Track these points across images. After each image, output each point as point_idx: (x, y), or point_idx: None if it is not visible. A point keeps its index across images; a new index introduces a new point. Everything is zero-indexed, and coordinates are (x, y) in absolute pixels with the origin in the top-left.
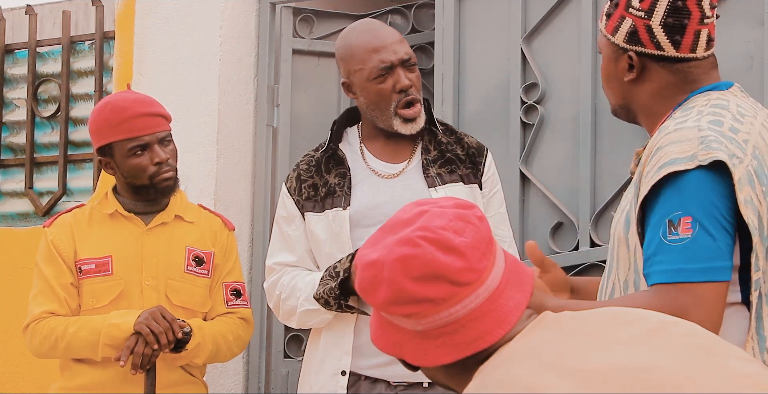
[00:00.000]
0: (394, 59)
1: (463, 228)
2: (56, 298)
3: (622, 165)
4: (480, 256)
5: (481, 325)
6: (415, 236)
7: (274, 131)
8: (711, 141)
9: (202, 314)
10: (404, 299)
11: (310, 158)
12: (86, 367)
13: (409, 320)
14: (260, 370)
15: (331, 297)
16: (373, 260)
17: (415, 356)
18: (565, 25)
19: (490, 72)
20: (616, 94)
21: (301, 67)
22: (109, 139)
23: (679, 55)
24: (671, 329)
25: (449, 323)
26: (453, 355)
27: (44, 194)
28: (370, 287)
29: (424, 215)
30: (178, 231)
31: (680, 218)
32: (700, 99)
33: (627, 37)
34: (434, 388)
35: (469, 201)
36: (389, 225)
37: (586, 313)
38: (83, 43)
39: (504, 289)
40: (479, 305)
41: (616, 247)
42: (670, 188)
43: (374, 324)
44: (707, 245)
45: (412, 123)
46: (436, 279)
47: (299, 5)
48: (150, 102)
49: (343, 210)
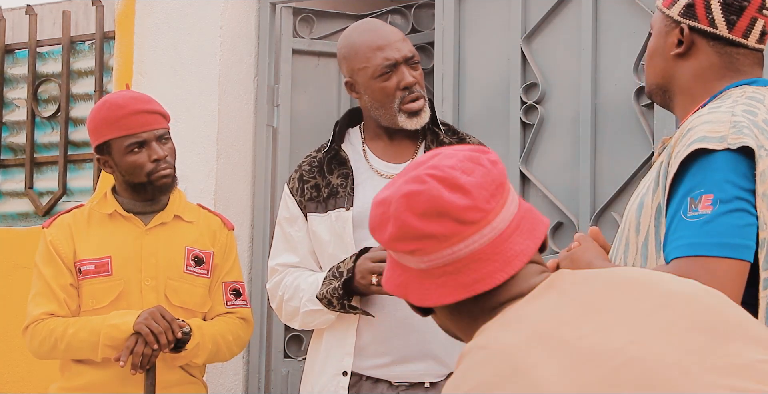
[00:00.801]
0: (398, 57)
1: (472, 169)
2: (55, 299)
3: (622, 165)
4: (487, 196)
5: (484, 266)
6: (423, 174)
7: (274, 131)
8: (743, 127)
9: (202, 313)
10: (408, 235)
11: (312, 159)
12: (86, 367)
13: (413, 258)
14: (260, 370)
15: (334, 297)
16: (383, 199)
17: (418, 295)
18: (565, 25)
19: (490, 72)
20: (658, 71)
21: (301, 67)
22: (106, 137)
23: (731, 37)
24: (681, 305)
25: (452, 262)
26: (454, 295)
27: (44, 194)
28: (379, 224)
29: (436, 156)
30: (178, 231)
31: (701, 195)
32: (736, 91)
33: (683, 10)
34: (435, 388)
35: (486, 147)
36: (405, 169)
37: (600, 276)
38: (83, 43)
39: (512, 233)
40: (483, 246)
41: (626, 230)
42: (696, 167)
43: (386, 267)
44: (726, 222)
45: (416, 117)
46: (439, 216)
47: (299, 5)
48: (147, 100)
49: (346, 211)
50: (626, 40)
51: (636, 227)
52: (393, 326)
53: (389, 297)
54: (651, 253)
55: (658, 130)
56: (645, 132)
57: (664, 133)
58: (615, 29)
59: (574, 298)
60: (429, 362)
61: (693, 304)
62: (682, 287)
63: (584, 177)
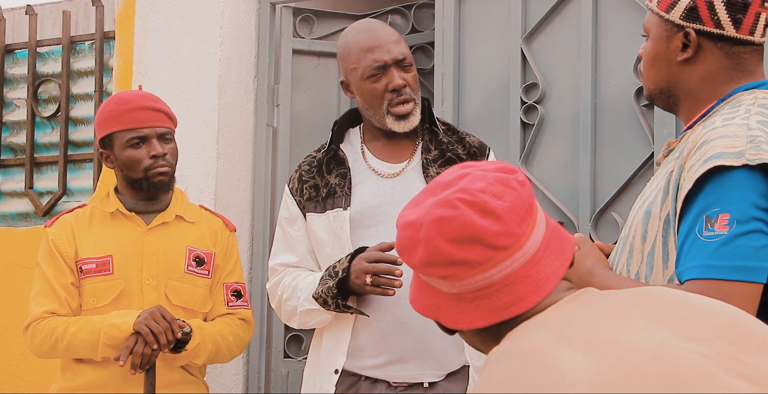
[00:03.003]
0: (387, 59)
1: (503, 192)
2: (57, 298)
3: (622, 165)
4: (519, 220)
5: (516, 290)
6: (453, 198)
7: (274, 131)
8: (761, 142)
9: (203, 314)
10: (440, 261)
11: (311, 159)
12: (87, 367)
13: (444, 282)
14: (260, 370)
15: (329, 296)
16: (412, 221)
17: (450, 318)
18: (565, 25)
19: (491, 72)
20: (661, 77)
21: (301, 67)
22: (110, 130)
23: (738, 35)
24: (708, 317)
25: (484, 287)
26: (487, 319)
27: (44, 194)
28: (408, 247)
29: (465, 177)
30: (179, 231)
31: (718, 214)
32: (746, 96)
33: (685, 13)
34: (434, 388)
35: (512, 165)
36: (431, 187)
37: (626, 292)
38: (83, 43)
39: (542, 255)
40: (515, 271)
41: (630, 237)
42: (712, 184)
43: (413, 285)
44: (742, 244)
45: (404, 121)
46: (472, 242)
47: (299, 5)
48: (154, 98)
49: (343, 210)
50: (626, 40)
51: (642, 235)
52: (390, 326)
53: (386, 297)
54: (657, 263)
55: (658, 130)
56: (645, 132)
57: (664, 133)
58: (615, 29)
59: (601, 306)
60: (427, 362)
61: (720, 317)
62: (707, 301)
63: (584, 177)
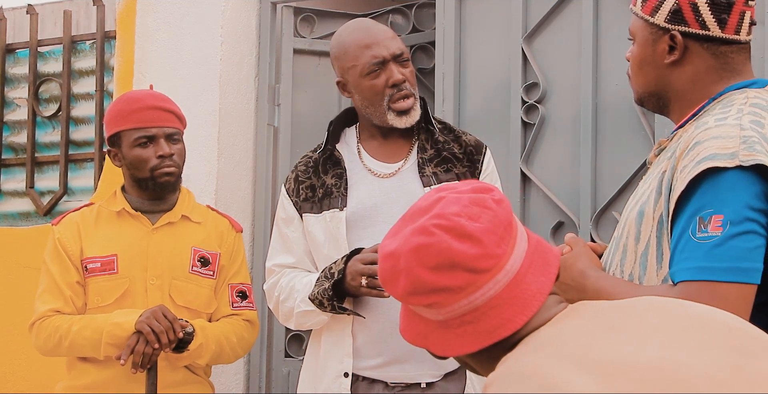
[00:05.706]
0: (386, 54)
1: (479, 213)
2: (62, 296)
3: (623, 164)
4: (497, 240)
5: (502, 312)
6: (429, 225)
7: (275, 131)
8: (754, 142)
9: (207, 314)
10: (422, 289)
11: (308, 159)
12: (91, 366)
13: (429, 310)
14: (261, 369)
15: (325, 298)
16: (391, 251)
17: (439, 346)
18: (565, 25)
19: (491, 71)
20: (650, 80)
21: (302, 66)
22: (118, 128)
23: (724, 35)
24: (707, 324)
25: (469, 312)
26: (476, 344)
27: (45, 194)
28: (390, 278)
29: (440, 202)
30: (185, 231)
31: (711, 215)
32: (738, 96)
33: (669, 16)
34: (432, 388)
35: (488, 184)
36: (409, 214)
37: (621, 303)
38: (84, 42)
39: (527, 273)
40: (499, 292)
41: (624, 237)
42: (705, 185)
43: (402, 315)
44: (736, 245)
45: (405, 116)
46: (452, 267)
47: (300, 5)
48: (164, 98)
49: (339, 211)
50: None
51: (636, 235)
52: (387, 327)
53: (382, 298)
54: (651, 263)
55: (659, 130)
56: (646, 132)
57: (665, 133)
58: (616, 29)
59: (597, 320)
60: (424, 363)
61: (719, 324)
62: (705, 309)
63: (585, 176)
